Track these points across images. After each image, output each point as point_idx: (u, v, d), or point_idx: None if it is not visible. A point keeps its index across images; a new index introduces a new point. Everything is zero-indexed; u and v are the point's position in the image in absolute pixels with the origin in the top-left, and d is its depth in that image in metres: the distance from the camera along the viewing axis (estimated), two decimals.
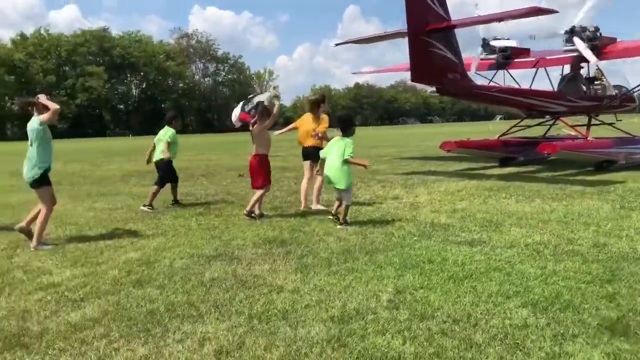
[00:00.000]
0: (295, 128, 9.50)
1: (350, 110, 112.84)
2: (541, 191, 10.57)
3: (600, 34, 15.42)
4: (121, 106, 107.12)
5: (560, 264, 5.41)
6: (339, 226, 7.51)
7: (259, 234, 7.23)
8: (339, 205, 7.78)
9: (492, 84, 16.44)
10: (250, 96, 9.80)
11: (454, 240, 6.55)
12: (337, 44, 20.07)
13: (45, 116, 6.81)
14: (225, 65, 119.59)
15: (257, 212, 8.44)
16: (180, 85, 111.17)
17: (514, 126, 18.06)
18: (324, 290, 4.86)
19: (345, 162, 7.54)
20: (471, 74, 15.61)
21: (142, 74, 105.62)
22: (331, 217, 7.82)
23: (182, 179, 14.65)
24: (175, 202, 10.01)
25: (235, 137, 11.59)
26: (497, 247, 6.18)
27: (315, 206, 9.09)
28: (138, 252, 6.49)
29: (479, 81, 16.10)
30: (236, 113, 9.75)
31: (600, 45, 15.33)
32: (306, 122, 9.15)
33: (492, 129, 47.36)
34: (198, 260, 6.02)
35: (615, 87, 17.37)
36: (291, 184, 12.84)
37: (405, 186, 11.84)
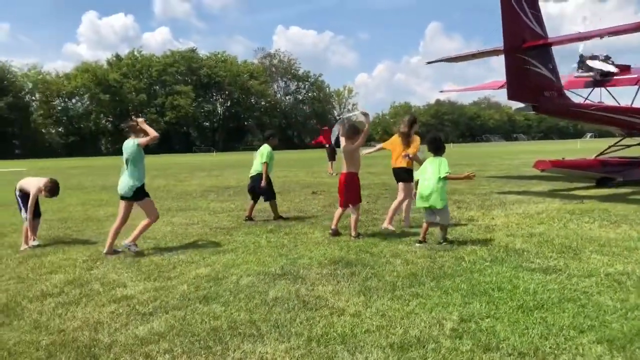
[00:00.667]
0: (383, 148, 9.55)
1: (431, 127, 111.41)
2: (629, 216, 9.90)
3: None
4: (207, 123, 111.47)
5: None
6: (440, 244, 7.58)
7: (325, 253, 7.24)
8: (427, 229, 7.83)
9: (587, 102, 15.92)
10: (347, 116, 9.79)
11: (528, 267, 6.26)
12: (429, 62, 20.26)
13: (143, 140, 7.46)
14: (306, 83, 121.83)
15: (333, 227, 8.60)
16: (263, 103, 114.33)
17: (613, 145, 17.38)
18: (386, 315, 4.78)
19: (443, 180, 7.58)
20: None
21: (226, 92, 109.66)
22: (419, 243, 7.69)
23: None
24: (280, 217, 10.52)
25: (312, 154, 11.79)
26: (573, 275, 5.84)
27: (387, 225, 9.00)
28: (208, 268, 6.67)
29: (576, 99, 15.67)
30: (335, 133, 9.65)
31: None
32: (396, 142, 9.14)
33: (581, 147, 45.18)
34: (264, 278, 6.10)
35: None
36: (363, 202, 12.76)
37: (482, 207, 11.47)
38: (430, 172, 7.68)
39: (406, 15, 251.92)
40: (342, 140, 8.57)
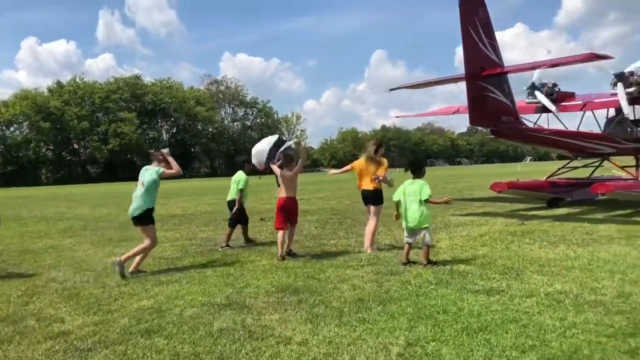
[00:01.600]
0: (350, 170, 9.72)
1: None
2: (566, 236, 10.28)
3: None
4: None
5: (580, 315, 5.19)
6: (424, 267, 7.70)
7: (272, 281, 7.15)
8: (409, 250, 8.07)
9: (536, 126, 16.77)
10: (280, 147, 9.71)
11: (472, 289, 6.37)
12: (391, 89, 20.82)
13: (168, 172, 8.12)
14: (254, 109, 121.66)
15: (280, 254, 8.81)
16: (210, 129, 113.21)
17: (562, 167, 18.33)
18: (333, 342, 4.74)
19: (425, 201, 7.86)
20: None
21: (172, 119, 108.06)
22: (404, 265, 7.89)
23: (203, 223, 14.81)
24: (248, 240, 10.70)
25: (259, 180, 11.81)
26: (515, 296, 5.98)
27: (371, 249, 9.18)
28: (150, 299, 6.47)
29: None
30: (263, 157, 9.70)
31: None
32: (364, 165, 9.30)
33: (521, 170, 46.79)
34: (209, 309, 5.96)
35: None
36: (311, 228, 12.79)
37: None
38: (412, 195, 7.97)
39: (352, 43, 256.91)
40: (276, 169, 9.04)
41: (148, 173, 8.06)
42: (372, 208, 9.30)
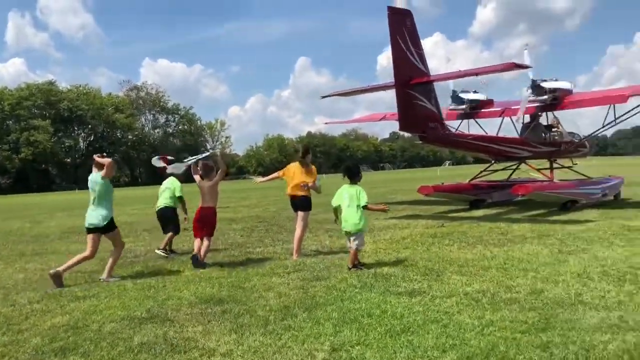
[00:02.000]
0: (279, 177, 9.72)
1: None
2: (484, 237, 10.71)
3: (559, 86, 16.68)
4: (68, 159, 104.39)
5: (497, 313, 5.41)
6: (349, 270, 7.86)
7: (196, 292, 6.99)
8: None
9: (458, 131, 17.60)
10: (196, 158, 9.74)
11: (395, 291, 6.49)
12: (323, 97, 21.23)
13: (104, 172, 8.08)
14: (176, 116, 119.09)
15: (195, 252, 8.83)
16: (130, 137, 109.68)
17: (483, 170, 19.25)
18: (258, 351, 4.68)
19: (364, 207, 8.05)
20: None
21: (89, 126, 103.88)
22: (357, 268, 7.97)
23: (124, 235, 14.25)
24: (171, 251, 10.45)
25: (184, 188, 11.64)
26: (436, 297, 6.15)
27: (297, 255, 9.21)
28: (66, 316, 6.14)
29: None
30: (181, 168, 10.05)
31: (559, 97, 16.68)
32: (293, 172, 9.34)
33: (440, 174, 48.44)
34: (129, 323, 5.73)
35: (569, 134, 18.84)
36: (237, 236, 12.63)
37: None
38: (348, 200, 8.13)
39: (276, 49, 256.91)
40: (197, 178, 9.05)
41: (94, 181, 8.13)
42: (300, 214, 9.35)
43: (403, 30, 14.36)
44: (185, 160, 9.81)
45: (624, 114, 16.45)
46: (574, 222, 12.41)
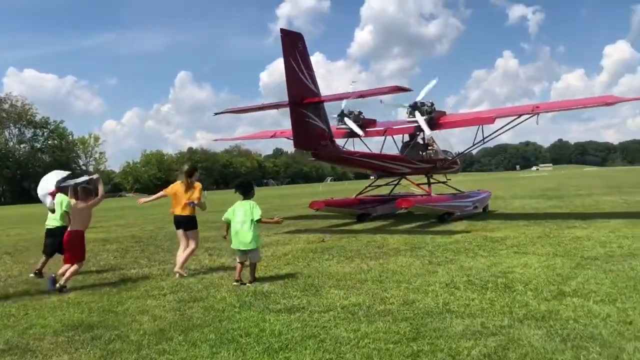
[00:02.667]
0: (163, 196, 9.65)
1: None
2: (361, 250, 11.06)
3: (434, 108, 18.04)
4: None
5: (372, 325, 5.57)
6: (247, 284, 7.97)
7: (62, 319, 6.50)
8: (242, 269, 8.30)
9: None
10: (67, 176, 9.59)
11: (274, 309, 6.48)
12: (216, 114, 20.75)
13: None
14: (45, 130, 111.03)
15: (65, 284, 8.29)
16: None
17: (369, 186, 20.23)
18: None
19: (257, 222, 8.17)
20: None
21: None
22: (236, 282, 8.11)
23: None
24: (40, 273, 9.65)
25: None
26: (315, 312, 6.22)
27: (178, 270, 9.08)
28: None
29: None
30: (49, 188, 9.29)
31: (435, 117, 18.04)
32: (177, 190, 9.29)
33: (323, 190, 49.41)
34: None
35: (443, 151, 20.55)
36: (110, 258, 11.96)
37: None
38: (242, 215, 8.21)
39: (155, 62, 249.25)
40: (73, 200, 8.78)
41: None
42: (188, 233, 9.32)
43: (295, 52, 14.88)
44: (69, 181, 9.38)
45: (492, 134, 18.32)
46: (442, 234, 13.18)
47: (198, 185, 9.36)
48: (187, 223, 9.26)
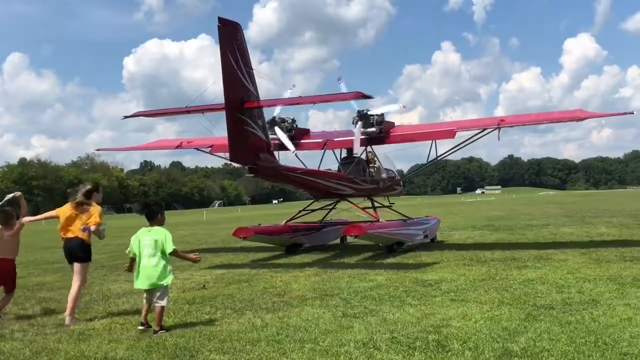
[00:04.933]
0: (54, 217, 10.21)
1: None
2: (255, 300, 11.01)
3: (383, 118, 20.00)
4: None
5: None
6: (155, 335, 8.32)
7: None
8: (148, 309, 8.71)
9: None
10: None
11: None
12: (126, 117, 20.11)
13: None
14: None
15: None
16: None
17: (303, 210, 21.52)
18: None
19: (170, 254, 8.55)
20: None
21: None
22: (142, 326, 8.60)
23: None
24: None
25: None
26: None
27: (70, 321, 9.52)
28: None
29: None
30: None
31: (385, 129, 19.84)
32: (69, 212, 9.85)
33: (207, 218, 49.00)
34: None
35: (386, 170, 22.35)
36: None
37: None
38: (150, 247, 8.55)
39: None
40: None
41: None
42: (76, 266, 9.80)
43: (234, 45, 15.64)
44: None
45: (449, 150, 20.41)
46: (361, 277, 13.37)
47: (97, 207, 9.86)
48: (77, 251, 9.75)
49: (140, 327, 8.60)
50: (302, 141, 21.07)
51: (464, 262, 15.33)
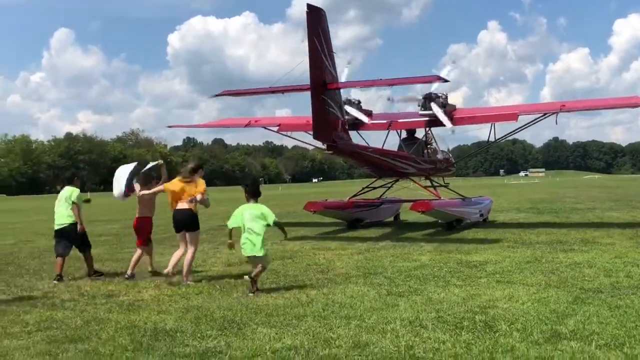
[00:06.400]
0: (163, 190, 11.31)
1: (62, 170, 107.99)
2: (299, 276, 11.09)
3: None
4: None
5: None
6: (251, 294, 9.41)
7: None
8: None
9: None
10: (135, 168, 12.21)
11: (181, 353, 6.44)
12: (215, 95, 21.17)
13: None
14: None
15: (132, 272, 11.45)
16: None
17: (367, 187, 23.06)
18: None
19: (274, 224, 9.79)
20: None
21: None
22: (246, 277, 9.87)
23: None
24: (96, 272, 11.83)
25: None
26: (236, 357, 6.22)
27: (186, 281, 10.66)
28: None
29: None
30: (121, 188, 11.88)
31: (449, 112, 20.81)
32: (177, 186, 10.93)
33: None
34: None
35: (442, 151, 23.58)
36: None
37: (128, 278, 11.46)
38: (254, 220, 9.60)
39: (23, 15, 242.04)
40: (137, 187, 11.68)
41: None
42: (188, 235, 10.84)
43: (319, 31, 16.71)
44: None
45: (509, 133, 22.20)
46: (405, 257, 13.37)
47: (202, 181, 11.00)
48: (188, 221, 10.80)
49: (246, 277, 9.84)
50: (370, 122, 21.99)
51: (508, 244, 15.19)
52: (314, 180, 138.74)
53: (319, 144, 20.95)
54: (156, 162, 12.61)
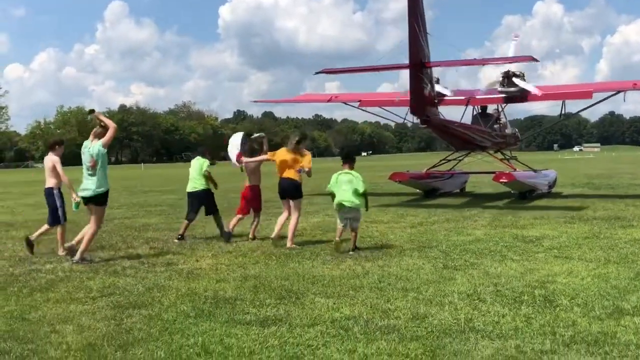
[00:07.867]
0: (268, 159, 12.18)
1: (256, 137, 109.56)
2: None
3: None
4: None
5: (372, 345, 5.64)
6: (350, 252, 10.53)
7: None
8: (343, 231, 10.89)
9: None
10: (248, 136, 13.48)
11: (242, 320, 6.54)
12: (317, 73, 21.93)
13: (106, 139, 10.33)
14: None
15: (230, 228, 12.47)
16: None
17: (444, 159, 25.07)
18: None
19: (363, 195, 10.95)
20: None
21: None
22: (338, 239, 10.82)
23: None
24: (227, 233, 12.50)
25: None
26: (296, 325, 6.29)
27: (291, 245, 11.41)
28: None
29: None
30: (234, 153, 12.83)
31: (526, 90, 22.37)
32: (284, 156, 11.69)
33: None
34: None
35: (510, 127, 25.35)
36: (16, 247, 11.84)
37: (182, 246, 11.67)
38: (346, 184, 10.85)
39: None
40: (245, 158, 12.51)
41: (94, 152, 10.24)
42: (292, 202, 11.60)
43: (417, 12, 17.88)
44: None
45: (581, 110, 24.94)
46: (459, 230, 13.31)
47: (308, 152, 11.85)
48: (293, 190, 11.61)
49: (337, 239, 10.80)
50: (446, 98, 23.22)
51: (564, 219, 14.95)
52: (363, 154, 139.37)
53: (397, 119, 24.97)
54: (259, 134, 14.16)
